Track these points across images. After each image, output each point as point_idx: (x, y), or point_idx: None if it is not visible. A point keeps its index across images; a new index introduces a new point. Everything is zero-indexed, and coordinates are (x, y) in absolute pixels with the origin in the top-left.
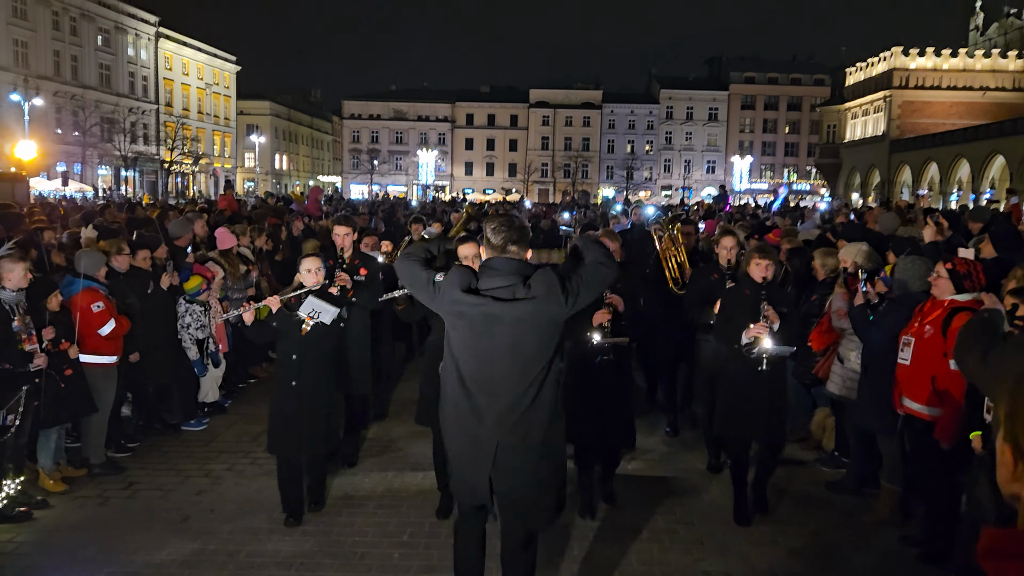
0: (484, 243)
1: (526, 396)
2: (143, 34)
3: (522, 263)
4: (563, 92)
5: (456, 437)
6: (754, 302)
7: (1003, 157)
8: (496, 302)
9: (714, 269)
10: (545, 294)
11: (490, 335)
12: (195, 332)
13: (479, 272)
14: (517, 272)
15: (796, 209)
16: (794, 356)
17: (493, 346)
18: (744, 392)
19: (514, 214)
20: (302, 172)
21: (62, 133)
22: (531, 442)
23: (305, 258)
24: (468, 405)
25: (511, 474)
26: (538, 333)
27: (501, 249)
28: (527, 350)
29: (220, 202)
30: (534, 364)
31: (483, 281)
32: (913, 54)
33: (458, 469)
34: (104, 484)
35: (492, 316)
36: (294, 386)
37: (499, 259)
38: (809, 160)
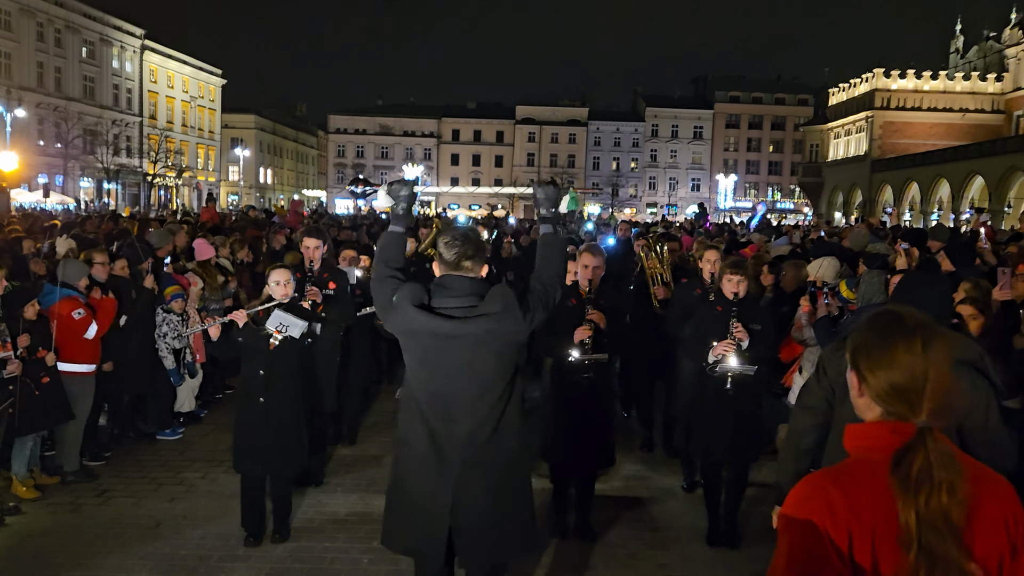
0: (437, 259)
1: (488, 421)
2: (128, 46)
3: (477, 281)
4: (549, 109)
5: (412, 472)
6: (725, 319)
7: (982, 177)
8: (449, 320)
9: (697, 284)
10: (502, 310)
11: (444, 355)
12: (172, 342)
13: (431, 290)
14: (471, 292)
15: (776, 227)
16: (772, 371)
17: (448, 367)
18: (716, 413)
19: (471, 227)
20: (287, 186)
21: (44, 145)
22: (494, 472)
23: (273, 270)
24: (426, 433)
25: (472, 507)
26: (496, 352)
27: (454, 266)
28: (484, 370)
29: (203, 214)
30: (494, 385)
31: (435, 300)
32: (894, 75)
33: (411, 509)
34: (77, 491)
35: (445, 335)
36: (261, 403)
37: (452, 276)
38: (792, 179)
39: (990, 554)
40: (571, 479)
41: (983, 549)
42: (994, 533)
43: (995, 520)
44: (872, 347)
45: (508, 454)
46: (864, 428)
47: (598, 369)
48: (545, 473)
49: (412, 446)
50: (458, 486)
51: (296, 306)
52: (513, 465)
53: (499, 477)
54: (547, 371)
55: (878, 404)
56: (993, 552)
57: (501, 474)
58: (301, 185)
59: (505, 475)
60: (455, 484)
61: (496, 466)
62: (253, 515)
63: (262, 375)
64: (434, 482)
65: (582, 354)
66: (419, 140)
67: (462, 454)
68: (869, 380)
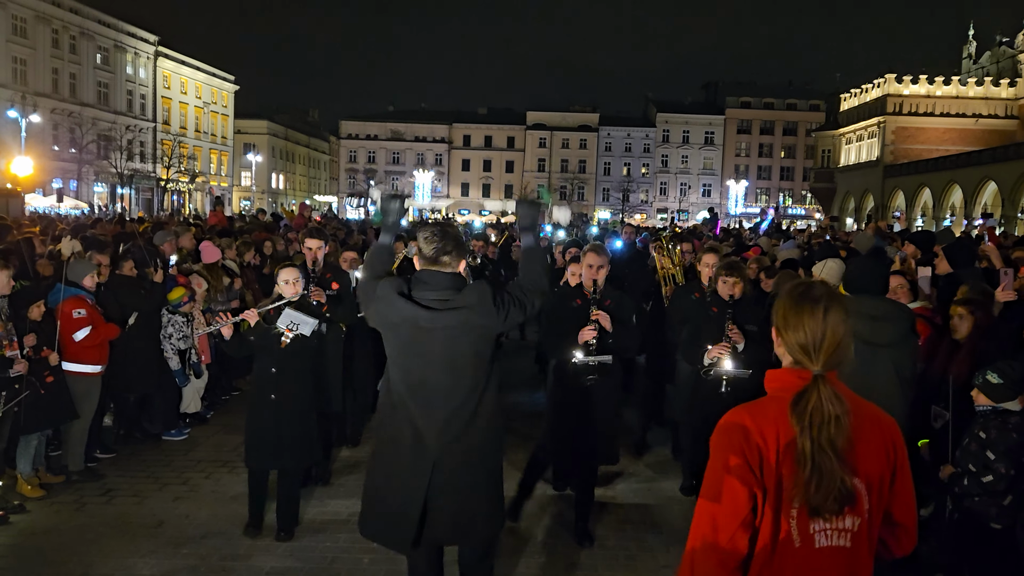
0: (416, 253)
1: (464, 408)
2: (142, 53)
3: (455, 276)
4: (560, 115)
5: (390, 458)
6: (721, 321)
7: (995, 183)
8: (426, 311)
9: (696, 287)
10: (477, 303)
11: (423, 345)
12: (177, 343)
13: (411, 284)
14: (449, 286)
15: (785, 231)
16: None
17: (426, 356)
18: (709, 416)
19: (449, 221)
20: (299, 191)
21: (59, 150)
22: (471, 457)
23: (282, 269)
24: (406, 420)
25: (446, 489)
26: (471, 342)
27: (433, 260)
28: (460, 360)
29: (210, 218)
30: (469, 374)
31: (414, 293)
32: (906, 81)
33: (385, 494)
34: (82, 490)
35: (422, 327)
36: (272, 399)
37: (430, 271)
38: (804, 184)
39: (872, 473)
40: (571, 481)
41: (865, 469)
42: (876, 458)
43: (877, 447)
44: (787, 311)
45: (483, 441)
46: (777, 373)
47: (603, 370)
48: (547, 478)
49: (391, 434)
50: (434, 471)
51: (306, 304)
52: (487, 452)
53: (473, 462)
54: (551, 372)
55: (789, 355)
56: (874, 472)
57: (475, 459)
58: (313, 190)
59: (479, 460)
60: (431, 468)
61: (471, 452)
62: (257, 511)
63: (273, 372)
64: (411, 467)
65: (586, 355)
66: (430, 145)
67: (438, 440)
68: (784, 336)
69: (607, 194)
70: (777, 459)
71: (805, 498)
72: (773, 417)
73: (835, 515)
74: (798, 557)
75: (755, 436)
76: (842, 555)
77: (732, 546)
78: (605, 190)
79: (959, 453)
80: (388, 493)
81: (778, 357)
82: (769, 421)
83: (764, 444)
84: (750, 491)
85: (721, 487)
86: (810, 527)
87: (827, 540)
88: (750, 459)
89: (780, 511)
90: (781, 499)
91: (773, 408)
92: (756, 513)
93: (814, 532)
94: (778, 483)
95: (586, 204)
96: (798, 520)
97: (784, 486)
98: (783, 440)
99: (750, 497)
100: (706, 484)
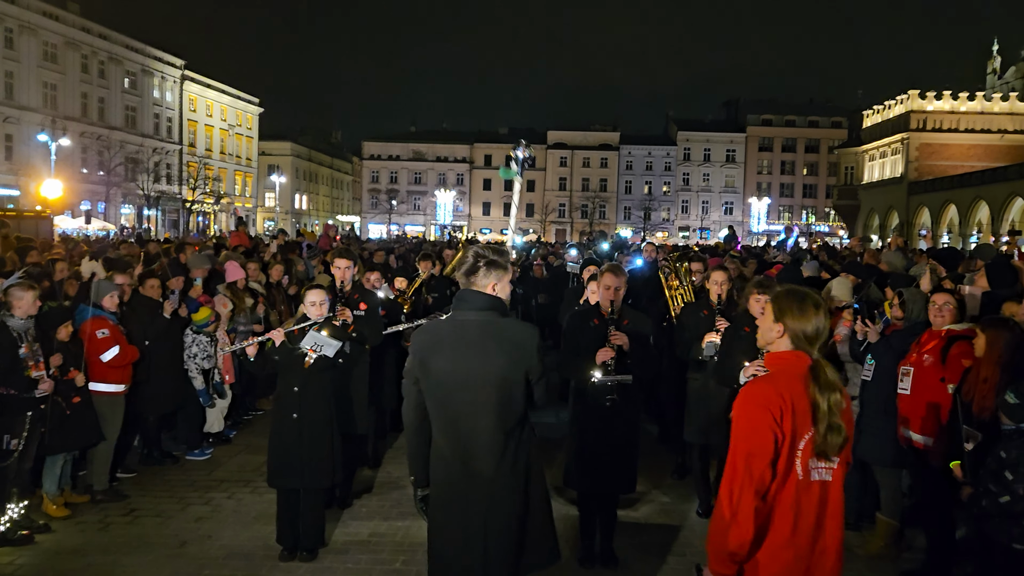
0: (458, 274)
1: (507, 454)
2: (169, 76)
3: (494, 298)
4: (580, 134)
5: (441, 509)
6: (753, 339)
7: (1022, 199)
8: (469, 360)
9: (704, 305)
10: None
11: (463, 393)
12: (201, 362)
13: (453, 305)
14: (490, 307)
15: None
16: None
17: (467, 400)
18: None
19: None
20: (322, 212)
21: (87, 172)
22: (518, 497)
23: (309, 290)
24: (456, 469)
25: (505, 531)
26: (507, 389)
27: (472, 271)
28: (499, 407)
29: (232, 239)
30: (510, 417)
31: (455, 313)
32: (930, 97)
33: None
34: (106, 510)
35: (463, 375)
36: (295, 419)
37: (470, 292)
38: (827, 202)
39: (849, 426)
40: (596, 506)
41: (846, 423)
42: (848, 417)
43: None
44: (791, 307)
45: (526, 472)
46: (782, 354)
47: (622, 392)
48: (573, 498)
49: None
50: (489, 518)
51: (331, 324)
52: (531, 479)
53: (522, 498)
54: (571, 394)
55: (791, 343)
56: (850, 426)
57: (523, 493)
58: (336, 211)
59: (526, 492)
60: (485, 517)
61: (517, 490)
62: (287, 528)
63: (296, 391)
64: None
65: (605, 375)
66: (451, 165)
67: (489, 489)
68: (788, 325)
69: (628, 212)
70: (792, 415)
71: (817, 444)
72: (785, 386)
73: (831, 456)
74: (799, 487)
75: (776, 398)
76: (825, 486)
77: (762, 478)
78: (626, 208)
79: (981, 473)
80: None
81: (764, 344)
82: (784, 388)
83: (784, 404)
84: (775, 437)
85: (753, 434)
86: (810, 465)
87: (818, 475)
88: (775, 414)
89: (792, 453)
90: (794, 444)
91: (782, 380)
92: (775, 453)
93: (811, 468)
94: (792, 432)
95: (607, 223)
96: (802, 459)
97: (798, 434)
98: (794, 403)
99: (774, 441)
100: (740, 433)
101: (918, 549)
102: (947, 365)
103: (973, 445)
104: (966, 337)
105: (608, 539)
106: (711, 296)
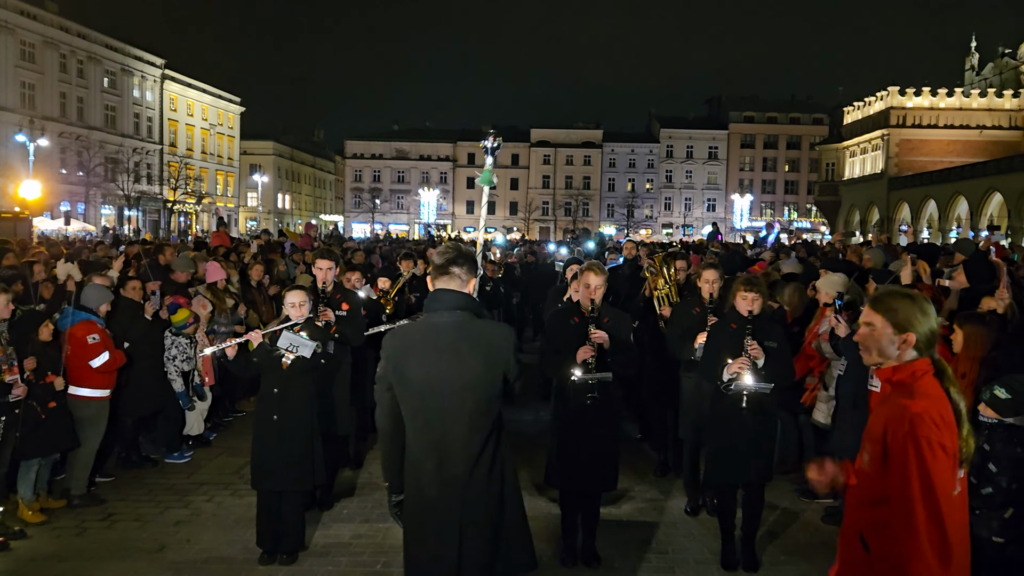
0: (431, 271)
1: (482, 458)
2: (149, 76)
3: (467, 297)
4: (564, 131)
5: (417, 515)
6: (740, 336)
7: (1000, 194)
8: (442, 364)
9: (696, 303)
10: (496, 354)
11: (438, 397)
12: (181, 364)
13: (425, 306)
14: (463, 306)
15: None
16: (787, 389)
17: (441, 406)
18: (732, 434)
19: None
20: (304, 211)
21: (66, 173)
22: (493, 502)
23: (289, 292)
24: (431, 474)
25: (480, 537)
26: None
27: (442, 269)
28: (474, 411)
29: (213, 239)
30: (484, 421)
31: (428, 315)
32: (909, 93)
33: (423, 559)
34: (83, 515)
35: (438, 379)
36: (275, 420)
37: (442, 291)
38: (809, 198)
39: None
40: (576, 505)
41: None
42: None
43: None
44: (918, 314)
45: (500, 482)
46: (917, 365)
47: (603, 390)
48: (555, 496)
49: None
50: (463, 528)
51: (311, 325)
52: (507, 488)
53: (498, 506)
54: (553, 392)
55: (915, 350)
56: None
57: (498, 501)
58: (319, 210)
59: (502, 498)
60: (460, 526)
61: (494, 499)
62: (267, 532)
63: (276, 393)
64: (436, 525)
65: (585, 373)
66: (435, 164)
67: (462, 495)
68: (920, 332)
69: (612, 210)
70: (950, 429)
71: (962, 452)
72: (935, 399)
73: (964, 464)
74: (956, 504)
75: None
76: (963, 499)
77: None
78: (610, 206)
79: None
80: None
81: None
82: (939, 405)
83: (944, 422)
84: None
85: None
86: (957, 477)
87: (960, 486)
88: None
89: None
90: (956, 462)
91: (932, 394)
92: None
93: (958, 481)
94: (954, 449)
95: (591, 220)
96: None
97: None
98: (944, 415)
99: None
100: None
101: None
102: None
103: None
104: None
105: (590, 537)
106: (703, 294)
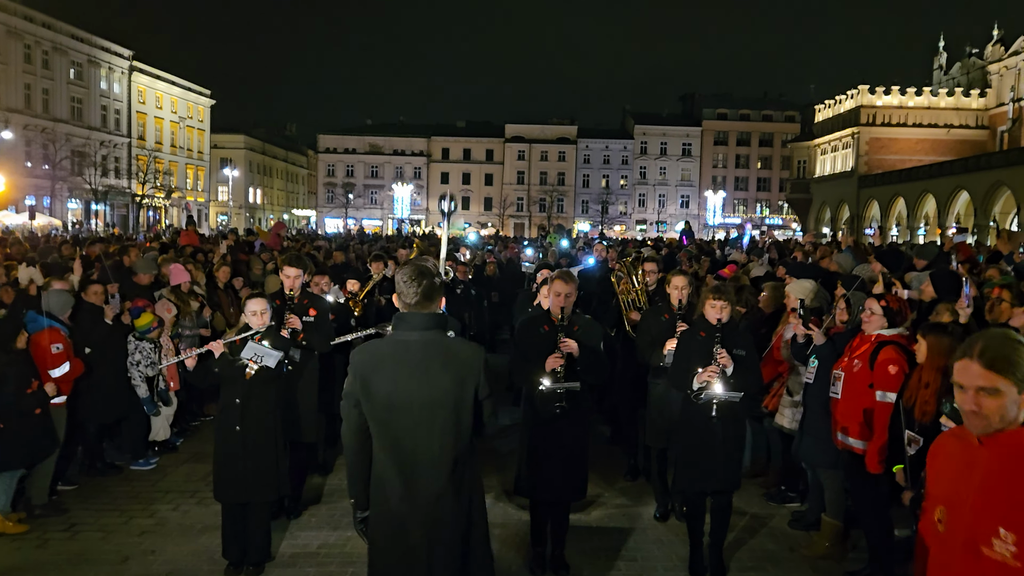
0: (397, 295)
1: (452, 475)
2: (116, 67)
3: (437, 316)
4: (538, 127)
5: (383, 531)
6: (709, 345)
7: (967, 193)
8: (411, 380)
9: (665, 309)
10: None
11: (407, 413)
12: (145, 369)
13: (394, 324)
14: (433, 325)
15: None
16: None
17: (411, 422)
18: (701, 442)
19: (427, 260)
20: (276, 206)
21: (31, 166)
22: (461, 519)
23: (250, 299)
24: (399, 491)
25: (448, 555)
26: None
27: (415, 305)
28: (443, 427)
29: (182, 238)
30: (454, 438)
31: (397, 333)
32: (879, 92)
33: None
34: (44, 525)
35: (405, 394)
36: (237, 431)
37: (411, 314)
38: (781, 195)
39: None
40: (547, 513)
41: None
42: None
43: None
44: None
45: (467, 500)
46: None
47: (572, 399)
48: (524, 504)
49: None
50: (430, 546)
51: (274, 334)
52: (473, 506)
53: (464, 521)
54: (523, 400)
55: None
56: None
57: (466, 516)
58: (291, 205)
59: (469, 516)
60: (427, 546)
61: (460, 521)
62: (232, 543)
63: (238, 403)
64: (402, 551)
65: (554, 382)
66: (409, 159)
67: (428, 516)
68: None
69: (586, 206)
70: None
71: None
72: None
73: None
74: None
75: None
76: None
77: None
78: (584, 202)
79: (922, 477)
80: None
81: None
82: None
83: None
84: None
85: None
86: None
87: None
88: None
89: None
90: None
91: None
92: None
93: None
94: None
95: (565, 216)
96: None
97: None
98: None
99: None
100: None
101: (863, 549)
102: (874, 371)
103: (915, 450)
104: (896, 342)
105: (559, 545)
106: (672, 301)
